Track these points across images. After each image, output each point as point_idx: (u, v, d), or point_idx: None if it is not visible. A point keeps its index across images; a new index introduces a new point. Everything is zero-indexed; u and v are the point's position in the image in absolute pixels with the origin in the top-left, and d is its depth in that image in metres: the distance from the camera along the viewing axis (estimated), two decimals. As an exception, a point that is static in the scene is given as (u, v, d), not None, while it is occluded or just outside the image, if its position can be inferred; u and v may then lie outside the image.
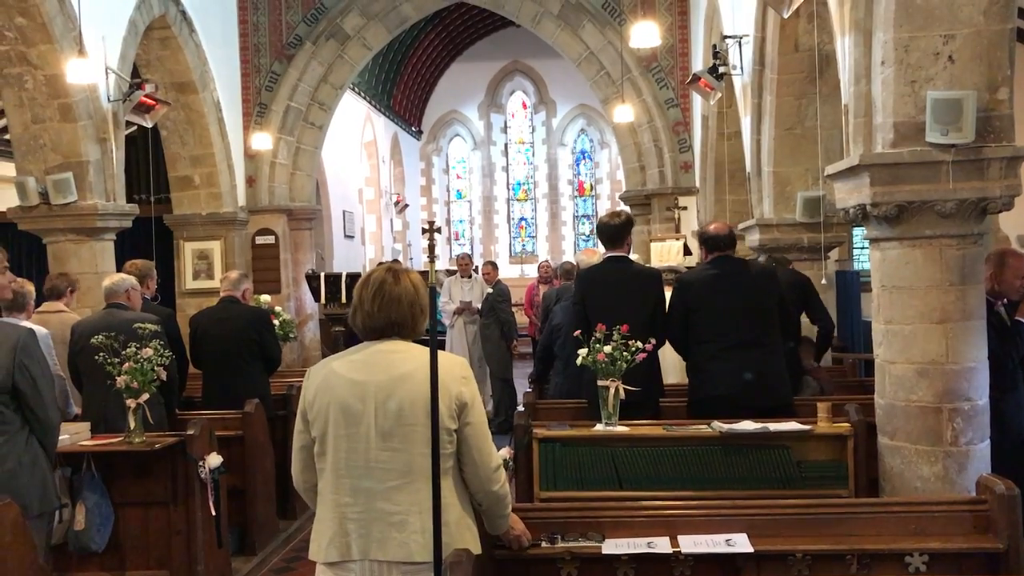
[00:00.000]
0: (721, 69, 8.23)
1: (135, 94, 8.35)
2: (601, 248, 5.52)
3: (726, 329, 4.96)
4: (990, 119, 4.23)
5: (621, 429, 4.70)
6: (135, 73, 9.24)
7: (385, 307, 2.74)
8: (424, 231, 2.45)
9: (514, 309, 10.91)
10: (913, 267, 4.41)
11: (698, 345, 5.09)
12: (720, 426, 4.64)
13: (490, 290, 10.43)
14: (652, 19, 10.50)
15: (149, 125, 9.03)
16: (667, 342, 5.31)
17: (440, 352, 2.75)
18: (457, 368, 2.72)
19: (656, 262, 9.87)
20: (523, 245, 24.39)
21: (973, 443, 4.38)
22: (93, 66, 7.65)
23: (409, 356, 2.73)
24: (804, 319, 6.15)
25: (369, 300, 2.76)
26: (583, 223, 24.30)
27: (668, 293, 5.33)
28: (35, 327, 4.63)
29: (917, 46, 4.23)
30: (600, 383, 4.73)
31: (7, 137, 10.91)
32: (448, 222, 24.23)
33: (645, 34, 9.38)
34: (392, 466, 2.67)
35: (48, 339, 5.37)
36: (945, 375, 4.37)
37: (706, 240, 5.24)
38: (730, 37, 8.15)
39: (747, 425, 4.64)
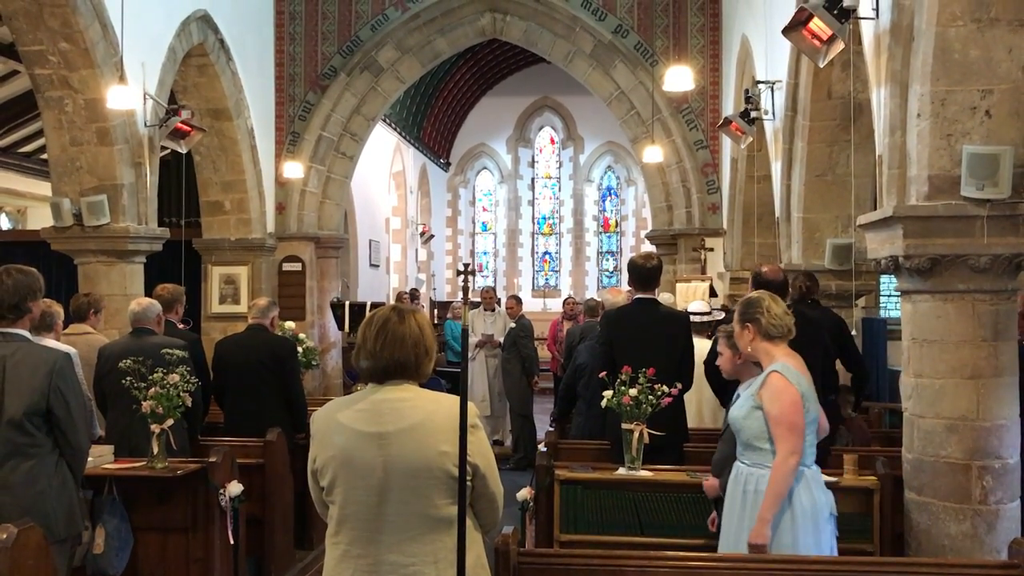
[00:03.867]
0: (753, 114, 8.24)
1: (171, 120, 8.46)
2: (625, 286, 5.52)
3: None
4: (1027, 175, 4.21)
5: (644, 474, 4.67)
6: (172, 99, 9.38)
7: (389, 347, 2.68)
8: (459, 273, 2.46)
9: (537, 344, 10.89)
10: (945, 321, 4.37)
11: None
12: (744, 475, 4.58)
13: (512, 324, 10.42)
14: (684, 62, 10.57)
15: (184, 151, 9.15)
16: (692, 386, 5.28)
17: (447, 396, 2.73)
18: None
19: (681, 303, 9.82)
20: (546, 279, 24.39)
21: (1003, 502, 4.31)
22: (132, 92, 7.77)
23: (418, 404, 2.68)
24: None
25: (372, 339, 2.70)
26: (607, 259, 24.29)
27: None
28: (63, 348, 4.66)
29: (954, 100, 4.23)
30: (624, 426, 4.70)
31: (44, 157, 11.11)
32: (472, 254, 24.30)
33: (679, 78, 9.42)
34: (404, 518, 2.63)
35: (76, 359, 5.42)
36: (975, 432, 4.32)
37: (758, 284, 5.14)
38: (763, 82, 8.17)
39: (772, 474, 4.59)
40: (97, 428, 5.64)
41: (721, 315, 6.54)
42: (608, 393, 4.76)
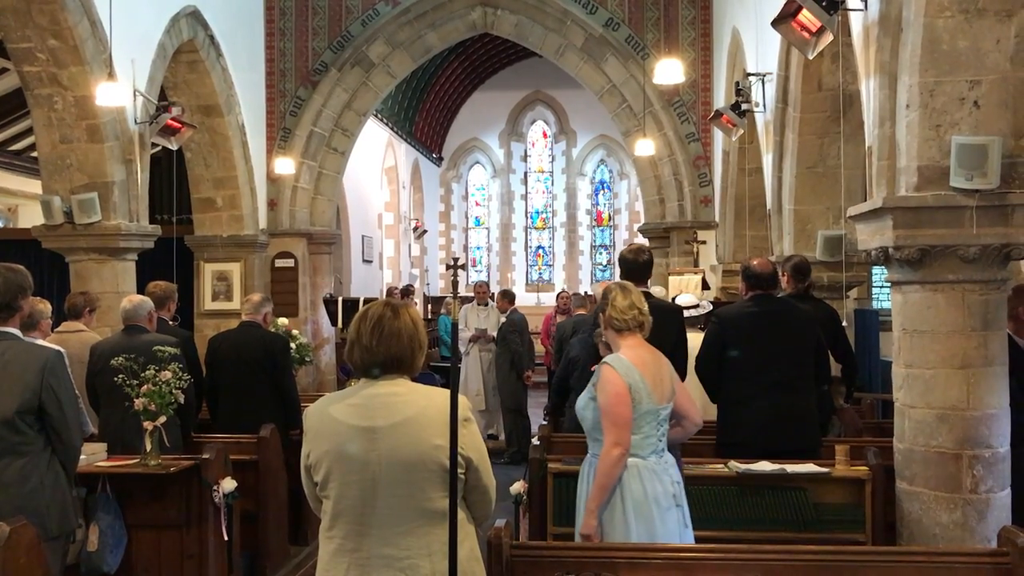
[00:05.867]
0: (744, 106, 8.26)
1: (161, 117, 8.44)
2: (617, 280, 5.48)
3: (763, 370, 4.86)
4: (1015, 165, 4.23)
5: (637, 466, 4.67)
6: (162, 95, 9.35)
7: (384, 341, 2.70)
8: (448, 267, 2.46)
9: (533, 338, 10.89)
10: (935, 311, 4.39)
11: (732, 383, 5.00)
12: (737, 466, 4.61)
13: (504, 319, 10.43)
14: (675, 55, 10.57)
15: (174, 148, 9.13)
16: (686, 378, 5.28)
17: (439, 391, 2.74)
18: (458, 408, 2.66)
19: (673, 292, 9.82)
20: (540, 273, 24.39)
21: (993, 491, 4.34)
22: (122, 89, 7.74)
23: (411, 399, 2.70)
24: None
25: (368, 334, 2.71)
26: (600, 253, 24.30)
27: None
28: (53, 347, 4.66)
29: (943, 91, 4.24)
30: (616, 419, 4.70)
31: (35, 154, 11.07)
32: (466, 249, 24.29)
33: (669, 71, 9.42)
34: (398, 512, 2.64)
35: (65, 357, 5.41)
36: (965, 421, 4.34)
37: (749, 276, 5.14)
38: (753, 75, 8.18)
39: (764, 466, 4.61)
40: (89, 425, 5.63)
41: (709, 307, 6.54)
42: (600, 386, 4.76)
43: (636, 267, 5.19)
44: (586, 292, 17.19)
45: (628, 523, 3.63)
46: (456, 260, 2.64)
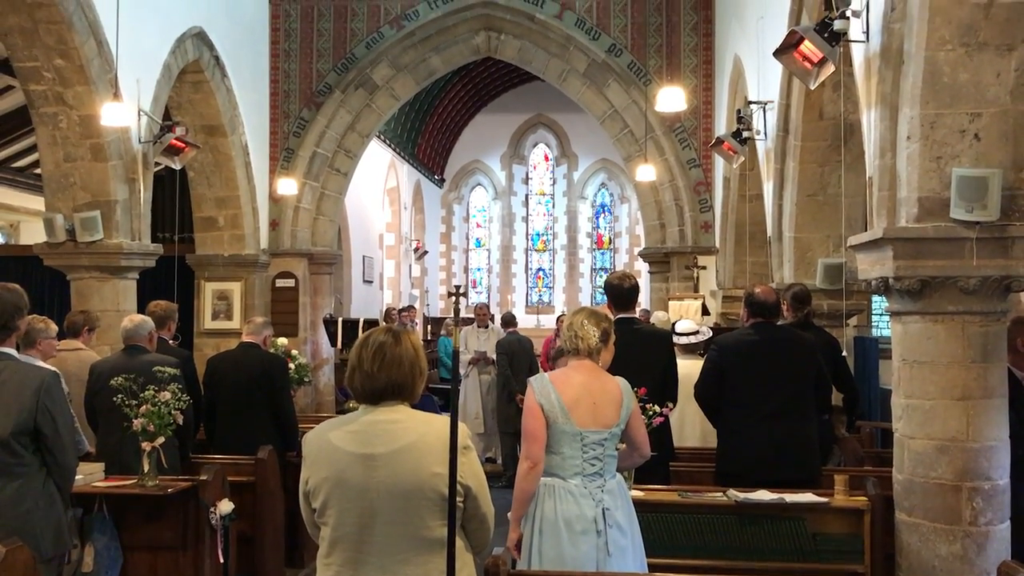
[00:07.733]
0: (745, 133, 8.29)
1: (165, 136, 8.47)
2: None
3: (762, 398, 4.86)
4: (1015, 198, 4.24)
5: (635, 494, 4.64)
6: (166, 115, 9.39)
7: (386, 368, 2.71)
8: (450, 294, 2.47)
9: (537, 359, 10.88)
10: (935, 342, 4.39)
11: (732, 411, 4.99)
12: (736, 495, 4.59)
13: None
14: (677, 81, 10.64)
15: (178, 167, 9.16)
16: (676, 405, 5.27)
17: (438, 417, 2.74)
18: (458, 436, 2.67)
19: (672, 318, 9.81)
20: (540, 296, 24.41)
21: (993, 524, 4.32)
22: (126, 108, 7.78)
23: (410, 426, 2.70)
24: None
25: (369, 360, 2.73)
26: (600, 276, 24.29)
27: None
28: (49, 367, 4.65)
29: (943, 123, 4.26)
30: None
31: (38, 171, 11.11)
32: (466, 270, 24.33)
33: (671, 98, 9.48)
34: (396, 540, 2.63)
35: (62, 378, 5.40)
36: (965, 453, 4.33)
37: (751, 304, 5.13)
38: (755, 102, 8.22)
39: (763, 495, 4.59)
40: (84, 444, 5.62)
41: (709, 333, 6.54)
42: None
43: (624, 293, 5.21)
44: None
45: (532, 539, 3.71)
46: (458, 288, 2.65)
